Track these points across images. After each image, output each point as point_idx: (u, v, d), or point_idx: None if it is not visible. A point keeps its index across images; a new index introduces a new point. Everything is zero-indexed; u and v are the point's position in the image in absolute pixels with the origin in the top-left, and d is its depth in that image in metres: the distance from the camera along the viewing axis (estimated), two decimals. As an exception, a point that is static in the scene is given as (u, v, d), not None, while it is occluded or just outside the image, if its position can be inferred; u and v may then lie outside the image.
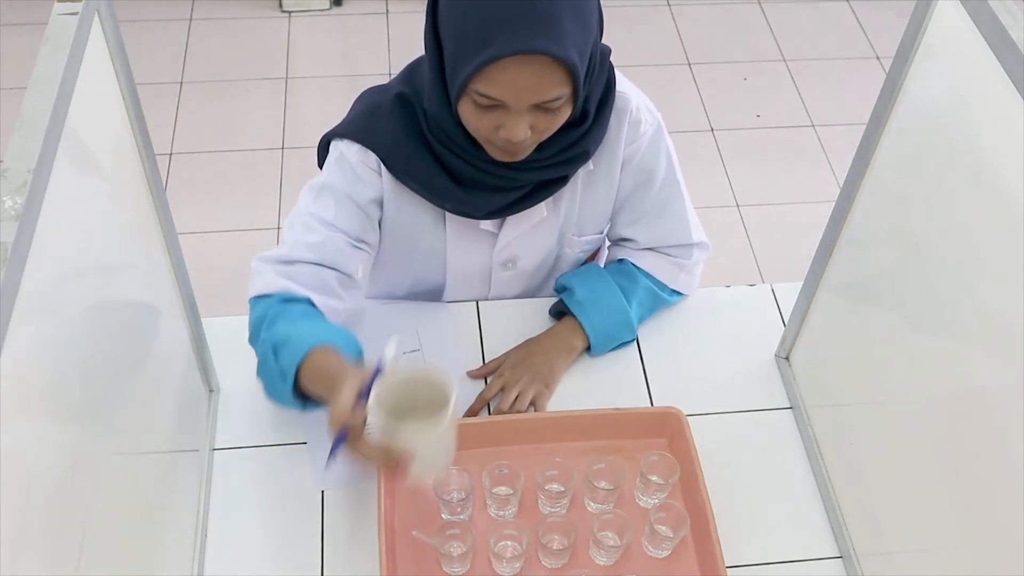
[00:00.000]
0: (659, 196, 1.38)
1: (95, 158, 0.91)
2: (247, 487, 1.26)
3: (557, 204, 1.35)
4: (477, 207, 1.28)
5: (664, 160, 1.35)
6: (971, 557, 0.97)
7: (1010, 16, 0.84)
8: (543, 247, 1.41)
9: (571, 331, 1.39)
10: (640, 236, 1.42)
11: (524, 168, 1.23)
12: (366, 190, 1.28)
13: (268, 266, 1.27)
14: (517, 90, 1.09)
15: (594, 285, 1.40)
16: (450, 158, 1.23)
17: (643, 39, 3.32)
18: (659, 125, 1.34)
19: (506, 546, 1.17)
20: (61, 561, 0.76)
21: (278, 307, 1.22)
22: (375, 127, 1.26)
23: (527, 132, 1.13)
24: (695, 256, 1.44)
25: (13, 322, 0.66)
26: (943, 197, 0.98)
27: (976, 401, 0.95)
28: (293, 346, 1.14)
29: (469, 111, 1.14)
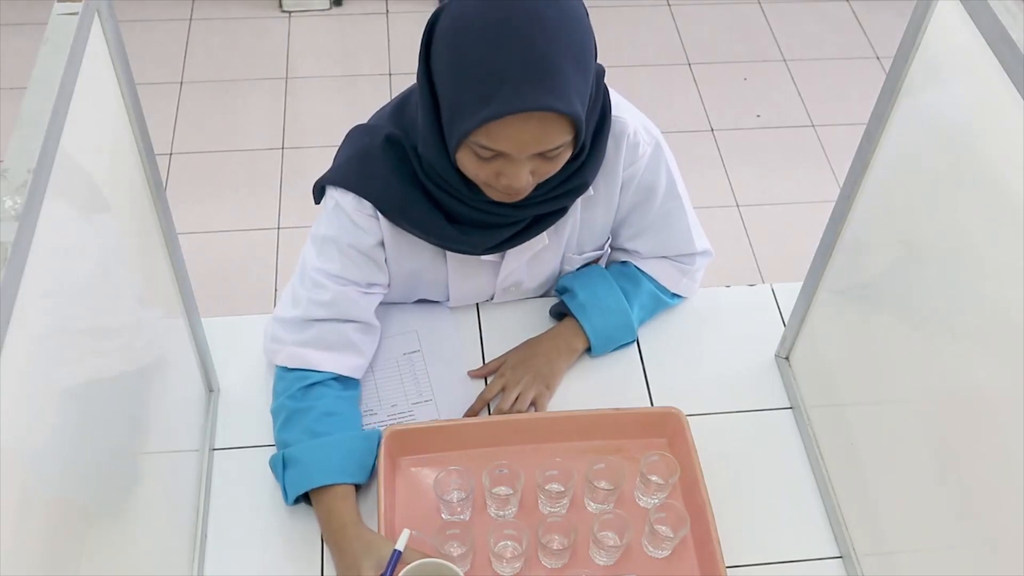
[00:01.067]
0: (661, 211, 1.36)
1: (95, 158, 0.90)
2: (247, 487, 1.26)
3: (559, 230, 1.33)
4: (475, 245, 1.26)
5: (664, 176, 1.33)
6: (971, 557, 0.97)
7: (1010, 16, 0.84)
8: (546, 270, 1.41)
9: (572, 332, 1.39)
10: (643, 248, 1.41)
11: (522, 205, 1.20)
12: (366, 237, 1.26)
13: (287, 334, 1.29)
14: (520, 143, 1.07)
15: (595, 287, 1.40)
16: (446, 199, 1.20)
17: (643, 39, 3.32)
18: (657, 144, 1.31)
19: (506, 546, 1.17)
20: (61, 561, 0.76)
21: (302, 400, 1.26)
22: (367, 173, 1.23)
23: (529, 178, 1.12)
24: (698, 263, 1.44)
25: (13, 322, 0.66)
26: (943, 197, 0.98)
27: (976, 401, 0.95)
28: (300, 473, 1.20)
29: (468, 160, 1.11)
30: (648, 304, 1.43)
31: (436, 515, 1.22)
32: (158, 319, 1.13)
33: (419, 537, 1.17)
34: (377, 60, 3.16)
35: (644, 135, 1.30)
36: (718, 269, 2.55)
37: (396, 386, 1.37)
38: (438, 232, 1.24)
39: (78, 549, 0.80)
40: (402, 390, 1.36)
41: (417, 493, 1.24)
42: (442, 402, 1.35)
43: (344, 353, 1.29)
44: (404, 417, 1.33)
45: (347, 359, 1.29)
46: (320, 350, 1.28)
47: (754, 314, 1.49)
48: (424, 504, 1.23)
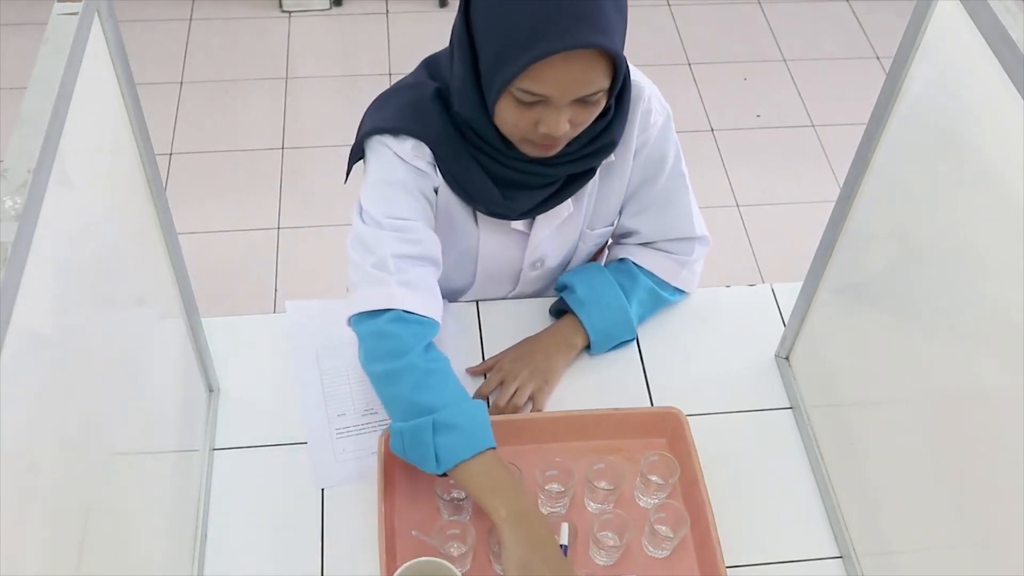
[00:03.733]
0: (666, 187, 1.37)
1: (95, 158, 0.90)
2: (247, 487, 1.26)
3: (580, 199, 1.35)
4: (512, 208, 1.28)
5: (672, 151, 1.35)
6: (971, 557, 0.97)
7: (1010, 16, 0.84)
8: (567, 244, 1.41)
9: (571, 329, 1.39)
10: (644, 228, 1.41)
11: (554, 163, 1.23)
12: (429, 180, 1.26)
13: (386, 275, 1.20)
14: (564, 85, 1.09)
15: (595, 284, 1.40)
16: (484, 160, 1.23)
17: (643, 39, 3.32)
18: (668, 115, 1.34)
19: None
20: (61, 560, 0.76)
21: (427, 359, 1.19)
22: (424, 120, 1.23)
23: (567, 126, 1.14)
24: (696, 252, 1.43)
25: (13, 322, 0.66)
26: (943, 197, 0.98)
27: (976, 401, 0.95)
28: (461, 437, 1.14)
29: (509, 109, 1.13)
30: (647, 300, 1.43)
31: (436, 515, 1.22)
32: (158, 319, 1.13)
33: (419, 537, 1.17)
34: (377, 60, 3.16)
35: (657, 104, 1.32)
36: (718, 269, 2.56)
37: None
38: (482, 192, 1.25)
39: (78, 549, 0.80)
40: None
41: (417, 493, 1.24)
42: (443, 401, 1.35)
43: (435, 301, 1.24)
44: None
45: (438, 304, 1.24)
46: (421, 294, 1.21)
47: (754, 314, 1.49)
48: (424, 504, 1.23)
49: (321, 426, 1.32)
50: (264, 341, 1.41)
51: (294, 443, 1.31)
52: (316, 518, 1.23)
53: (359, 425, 1.32)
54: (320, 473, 1.27)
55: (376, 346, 1.20)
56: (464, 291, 1.47)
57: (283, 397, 1.35)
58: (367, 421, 1.32)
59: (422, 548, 1.16)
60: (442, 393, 1.17)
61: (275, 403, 1.35)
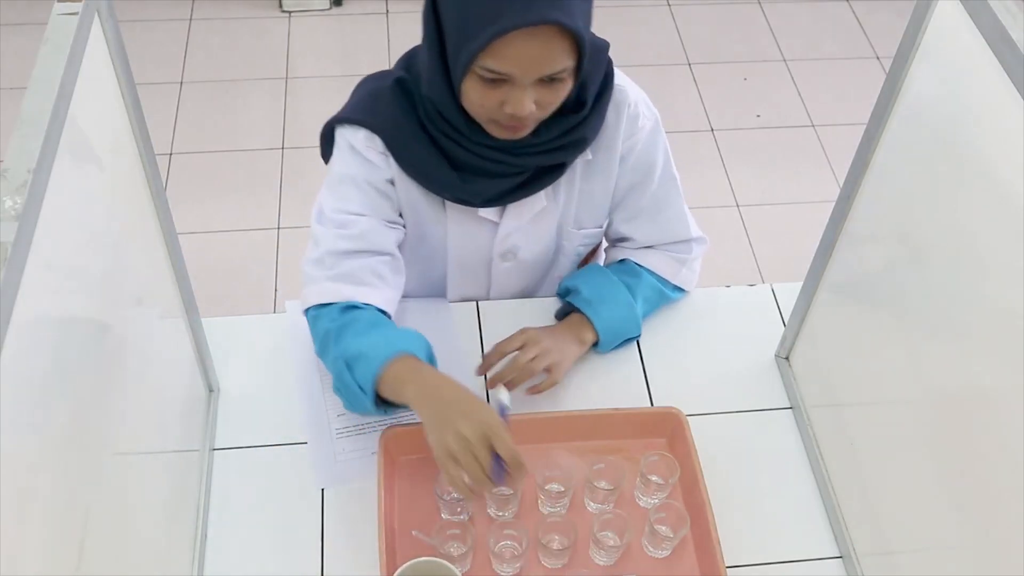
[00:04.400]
0: (657, 192, 1.38)
1: (95, 158, 0.90)
2: (247, 487, 1.26)
3: (556, 195, 1.35)
4: (475, 194, 1.28)
5: (662, 156, 1.36)
6: (971, 557, 0.97)
7: (1010, 16, 0.84)
8: (543, 239, 1.41)
9: (580, 325, 1.38)
10: (638, 234, 1.42)
11: (521, 153, 1.23)
12: (379, 172, 1.28)
13: (319, 272, 1.27)
14: (525, 62, 1.09)
15: (599, 283, 1.40)
16: (448, 144, 1.23)
17: (643, 39, 3.32)
18: (657, 121, 1.35)
19: (506, 546, 1.17)
20: (61, 561, 0.76)
21: (342, 319, 1.24)
22: (378, 111, 1.27)
23: (532, 106, 1.14)
24: (695, 251, 1.44)
25: (13, 322, 0.66)
26: (943, 197, 0.98)
27: (976, 401, 0.95)
28: (368, 359, 1.17)
29: (474, 89, 1.14)
30: (651, 297, 1.43)
31: (436, 515, 1.22)
32: (158, 319, 1.13)
33: (419, 537, 1.17)
34: (377, 60, 3.16)
35: (645, 109, 1.33)
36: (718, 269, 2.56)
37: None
38: (440, 177, 1.26)
39: (78, 549, 0.80)
40: None
41: (417, 493, 1.24)
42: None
43: (376, 288, 1.28)
44: (405, 413, 1.33)
45: (380, 293, 1.28)
46: (353, 285, 1.26)
47: (754, 314, 1.49)
48: (424, 504, 1.23)
49: (321, 426, 1.32)
50: (264, 341, 1.41)
51: (294, 443, 1.31)
52: (316, 518, 1.23)
53: (359, 425, 1.32)
54: (321, 473, 1.27)
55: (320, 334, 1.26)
56: (439, 283, 1.47)
57: (283, 397, 1.35)
58: (367, 421, 1.32)
59: (422, 548, 1.16)
60: (352, 337, 1.21)
61: (275, 403, 1.35)
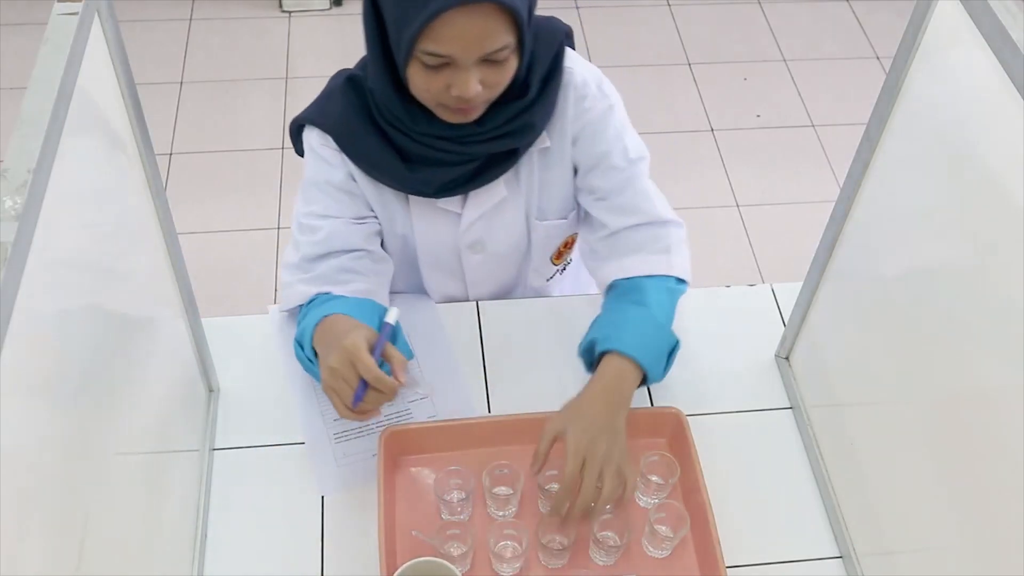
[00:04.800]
0: (619, 175, 1.32)
1: (95, 158, 0.91)
2: (247, 487, 1.26)
3: (517, 184, 1.34)
4: (425, 183, 1.28)
5: (616, 138, 1.31)
6: (971, 557, 0.97)
7: (1010, 16, 0.84)
8: (510, 230, 1.39)
9: (613, 369, 1.21)
10: (607, 217, 1.34)
11: (468, 141, 1.23)
12: (336, 171, 1.30)
13: (292, 277, 1.31)
14: (464, 42, 1.09)
15: (606, 319, 1.28)
16: (397, 136, 1.24)
17: (643, 39, 3.32)
18: (611, 105, 1.30)
19: (506, 546, 1.17)
20: (61, 561, 0.76)
21: (304, 309, 1.28)
22: (329, 110, 1.29)
23: (478, 87, 1.13)
24: (672, 235, 1.34)
25: (13, 322, 0.66)
26: (943, 197, 0.98)
27: (976, 401, 0.95)
28: (307, 331, 1.22)
29: (418, 74, 1.14)
30: (663, 300, 1.29)
31: (436, 515, 1.22)
32: (158, 319, 1.13)
33: (419, 537, 1.17)
34: (377, 60, 3.16)
35: (595, 90, 1.30)
36: (718, 269, 2.56)
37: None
38: (389, 169, 1.27)
39: (78, 549, 0.80)
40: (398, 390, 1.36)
41: (417, 493, 1.24)
42: (438, 398, 1.35)
43: (349, 284, 1.29)
44: (402, 415, 1.33)
45: (352, 287, 1.29)
46: (328, 285, 1.28)
47: (754, 314, 1.49)
48: (424, 504, 1.23)
49: (318, 432, 1.31)
50: (264, 341, 1.41)
51: (294, 443, 1.31)
52: (316, 518, 1.23)
53: (357, 428, 1.32)
54: (322, 480, 1.27)
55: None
56: (415, 277, 1.46)
57: (283, 397, 1.35)
58: (365, 424, 1.32)
59: (422, 548, 1.16)
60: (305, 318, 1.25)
61: (275, 403, 1.35)
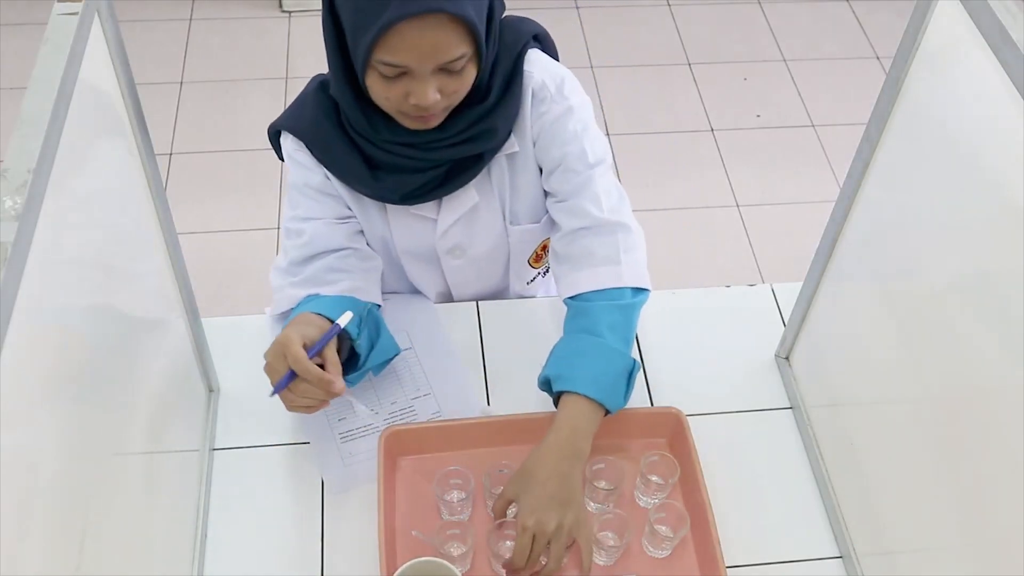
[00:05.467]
0: (579, 178, 1.28)
1: (95, 158, 0.91)
2: (247, 487, 1.26)
3: (490, 189, 1.34)
4: (391, 191, 1.28)
5: (575, 140, 1.27)
6: (971, 557, 0.97)
7: (1010, 16, 0.84)
8: (487, 234, 1.39)
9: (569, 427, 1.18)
10: (564, 221, 1.31)
11: (431, 147, 1.23)
12: (312, 174, 1.31)
13: (282, 281, 1.32)
14: (419, 54, 1.09)
15: (561, 352, 1.25)
16: (362, 142, 1.24)
17: (643, 39, 3.32)
18: (570, 107, 1.27)
19: (506, 546, 1.17)
20: (61, 561, 0.76)
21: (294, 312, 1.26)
22: (301, 115, 1.30)
23: (436, 95, 1.13)
24: (621, 240, 1.27)
25: (13, 322, 0.66)
26: (943, 197, 0.98)
27: (976, 401, 0.95)
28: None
29: (376, 83, 1.14)
30: (615, 320, 1.24)
31: (436, 515, 1.22)
32: (158, 319, 1.13)
33: (419, 537, 1.17)
34: (377, 60, 3.16)
35: (552, 92, 1.27)
36: (718, 269, 2.56)
37: (393, 383, 1.37)
38: (355, 174, 1.28)
39: (78, 549, 0.80)
40: (399, 387, 1.36)
41: (417, 493, 1.24)
42: (441, 394, 1.35)
43: (337, 283, 1.29)
44: (405, 412, 1.33)
45: (340, 286, 1.29)
46: (315, 286, 1.29)
47: (754, 314, 1.49)
48: (424, 504, 1.23)
49: (324, 432, 1.31)
50: (264, 341, 1.41)
51: (294, 443, 1.31)
52: (316, 518, 1.23)
53: (363, 427, 1.32)
54: (330, 479, 1.27)
55: None
56: (399, 278, 1.47)
57: (283, 397, 1.35)
58: (367, 423, 1.32)
59: (422, 548, 1.16)
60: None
61: (275, 403, 1.34)
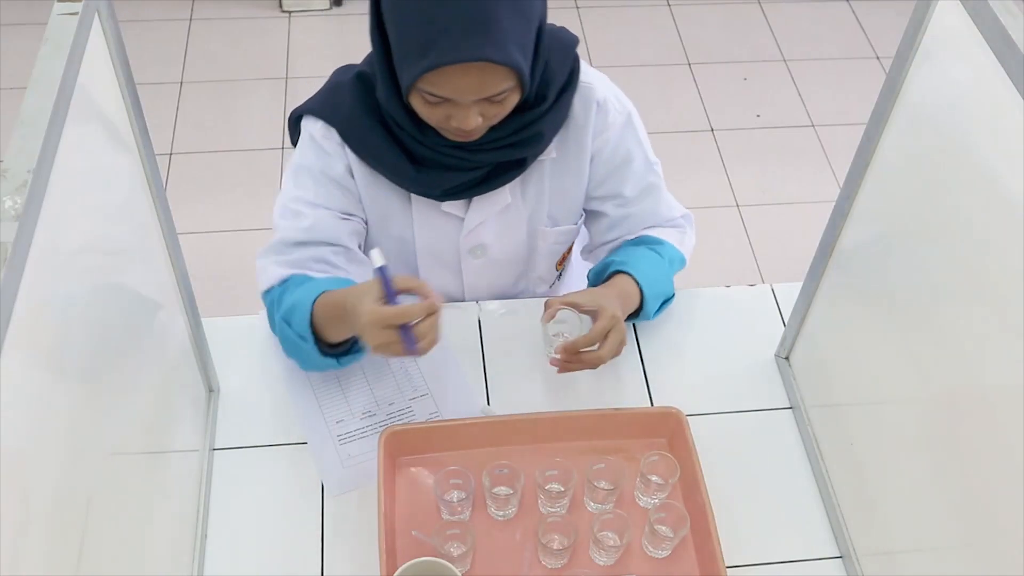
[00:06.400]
0: (642, 181, 1.38)
1: (95, 158, 0.91)
2: (247, 487, 1.26)
3: (524, 192, 1.35)
4: (433, 185, 1.29)
5: (637, 147, 1.36)
6: (971, 557, 0.97)
7: (1010, 16, 0.84)
8: (512, 236, 1.40)
9: (624, 286, 1.33)
10: (631, 224, 1.42)
11: (477, 149, 1.24)
12: (336, 163, 1.30)
13: (268, 259, 1.32)
14: (462, 91, 1.11)
15: (624, 251, 1.40)
16: (406, 139, 1.25)
17: (643, 39, 3.32)
18: (629, 115, 1.35)
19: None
20: (61, 560, 0.76)
21: (280, 288, 1.28)
22: (336, 104, 1.29)
23: (478, 120, 1.16)
24: (687, 227, 1.46)
25: (13, 322, 0.66)
26: (943, 197, 0.98)
27: (976, 401, 0.95)
28: (300, 308, 1.22)
29: (419, 104, 1.16)
30: (675, 259, 1.41)
31: (436, 515, 1.22)
32: (158, 319, 1.13)
33: (419, 537, 1.17)
34: (377, 60, 3.16)
35: (615, 104, 1.32)
36: (718, 269, 2.56)
37: (390, 384, 1.37)
38: (397, 168, 1.28)
39: (78, 549, 0.80)
40: (396, 388, 1.36)
41: (417, 493, 1.24)
42: (439, 394, 1.36)
43: (324, 272, 1.30)
44: (404, 413, 1.33)
45: (329, 273, 1.31)
46: (300, 271, 1.30)
47: (754, 314, 1.49)
48: (424, 504, 1.23)
49: (322, 434, 1.31)
50: (264, 341, 1.41)
51: (294, 443, 1.31)
52: (316, 518, 1.23)
53: (361, 429, 1.32)
54: (329, 481, 1.27)
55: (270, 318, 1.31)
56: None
57: (283, 397, 1.35)
58: (368, 424, 1.32)
59: (422, 548, 1.16)
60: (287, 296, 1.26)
61: (275, 403, 1.35)
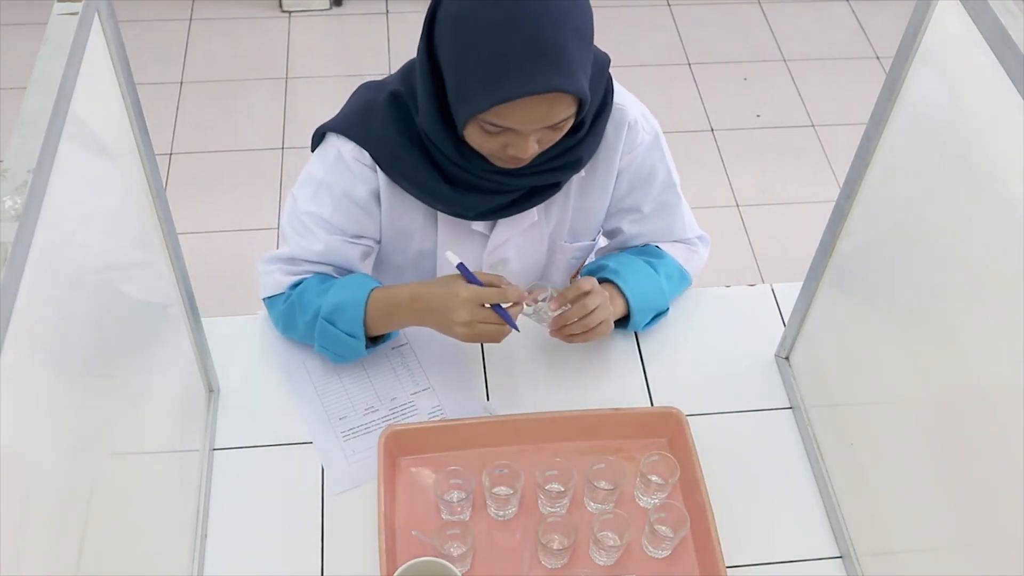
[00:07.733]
0: (659, 198, 1.40)
1: (95, 158, 0.91)
2: (247, 487, 1.26)
3: (549, 210, 1.36)
4: (469, 207, 1.29)
5: (662, 165, 1.38)
6: (971, 557, 0.97)
7: (1010, 16, 0.84)
8: (534, 251, 1.41)
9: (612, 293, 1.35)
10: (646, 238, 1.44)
11: (517, 174, 1.23)
12: (361, 186, 1.29)
13: (275, 266, 1.33)
14: (528, 121, 1.11)
15: (621, 258, 1.41)
16: (444, 162, 1.23)
17: (643, 39, 3.32)
18: (656, 134, 1.36)
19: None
20: (61, 560, 0.76)
21: (299, 293, 1.30)
22: (369, 125, 1.27)
23: (535, 148, 1.16)
24: (699, 247, 1.47)
25: (13, 322, 0.66)
26: (943, 197, 0.98)
27: (976, 401, 0.95)
28: (350, 307, 1.26)
29: (476, 135, 1.15)
30: (673, 275, 1.42)
31: (436, 515, 1.22)
32: (158, 319, 1.13)
33: (419, 537, 1.17)
34: (377, 60, 3.16)
35: (644, 123, 1.34)
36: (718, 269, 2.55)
37: (391, 380, 1.37)
38: (433, 191, 1.27)
39: (78, 549, 0.80)
40: (398, 383, 1.36)
41: (417, 493, 1.24)
42: (441, 389, 1.36)
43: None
44: (407, 408, 1.33)
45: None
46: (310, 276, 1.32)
47: (754, 314, 1.49)
48: (424, 504, 1.23)
49: (326, 431, 1.31)
50: (264, 341, 1.41)
51: (294, 443, 1.31)
52: (316, 518, 1.23)
53: (364, 425, 1.32)
54: (333, 478, 1.27)
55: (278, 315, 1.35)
56: None
57: (283, 397, 1.35)
58: (370, 420, 1.32)
59: (422, 548, 1.16)
60: (317, 297, 1.29)
61: (275, 403, 1.35)
